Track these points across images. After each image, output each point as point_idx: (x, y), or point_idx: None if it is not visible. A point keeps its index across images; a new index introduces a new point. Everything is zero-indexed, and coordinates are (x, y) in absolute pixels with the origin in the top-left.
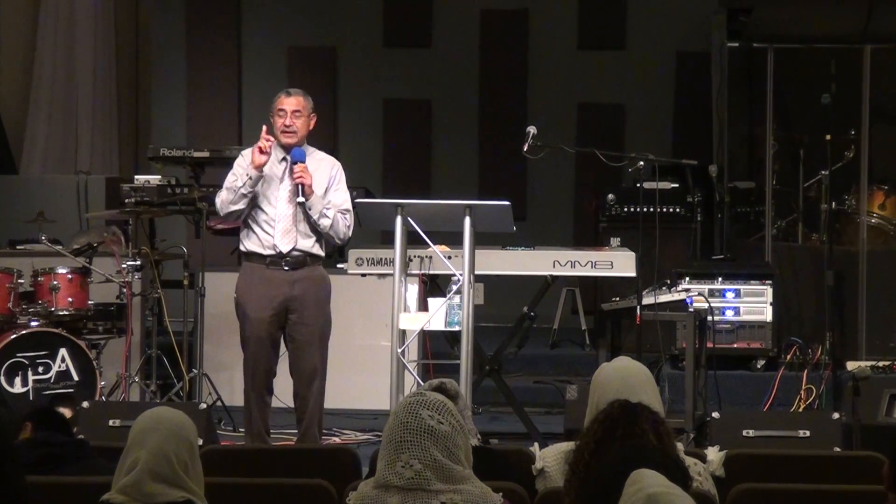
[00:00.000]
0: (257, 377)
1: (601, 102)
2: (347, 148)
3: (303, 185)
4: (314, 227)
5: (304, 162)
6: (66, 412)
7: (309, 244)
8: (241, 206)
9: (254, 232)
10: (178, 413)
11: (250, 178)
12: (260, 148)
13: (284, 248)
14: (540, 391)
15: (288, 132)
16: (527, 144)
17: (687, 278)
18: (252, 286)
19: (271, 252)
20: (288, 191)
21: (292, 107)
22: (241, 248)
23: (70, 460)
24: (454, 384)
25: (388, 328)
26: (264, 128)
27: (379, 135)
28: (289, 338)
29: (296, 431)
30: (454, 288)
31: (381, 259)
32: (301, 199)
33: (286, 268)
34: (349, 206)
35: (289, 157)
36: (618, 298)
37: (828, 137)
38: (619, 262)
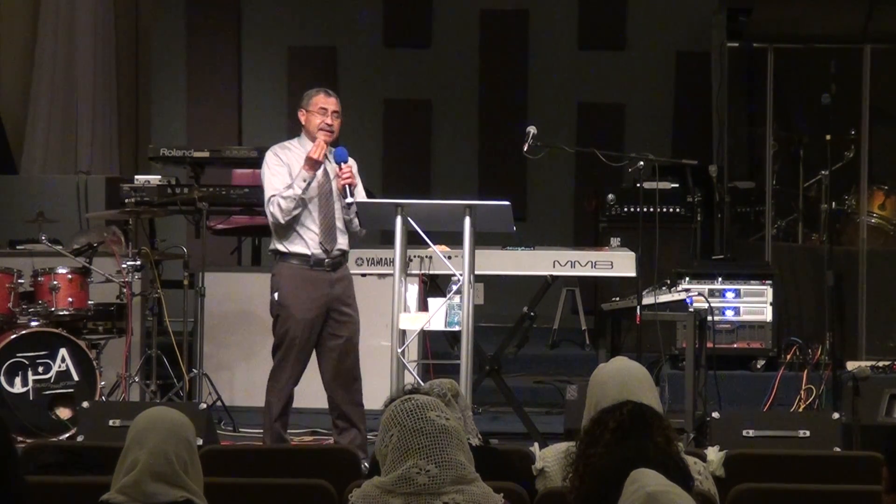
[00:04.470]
0: (291, 380)
1: (601, 102)
2: (347, 148)
3: (351, 185)
4: (346, 226)
5: (347, 162)
6: (66, 412)
7: (346, 243)
8: (299, 210)
9: (296, 232)
10: (177, 412)
11: (306, 181)
12: (317, 158)
13: (329, 248)
14: (540, 391)
15: (327, 131)
16: (527, 144)
17: (687, 278)
18: (297, 287)
19: (317, 252)
20: (327, 189)
21: (332, 107)
22: (280, 248)
23: None
24: (454, 384)
25: (388, 328)
26: (320, 139)
27: (379, 135)
28: (330, 337)
29: (297, 432)
30: (454, 288)
31: (381, 259)
32: (351, 199)
33: (328, 268)
34: None
35: (329, 157)
36: (618, 298)
37: (828, 137)
38: (619, 262)
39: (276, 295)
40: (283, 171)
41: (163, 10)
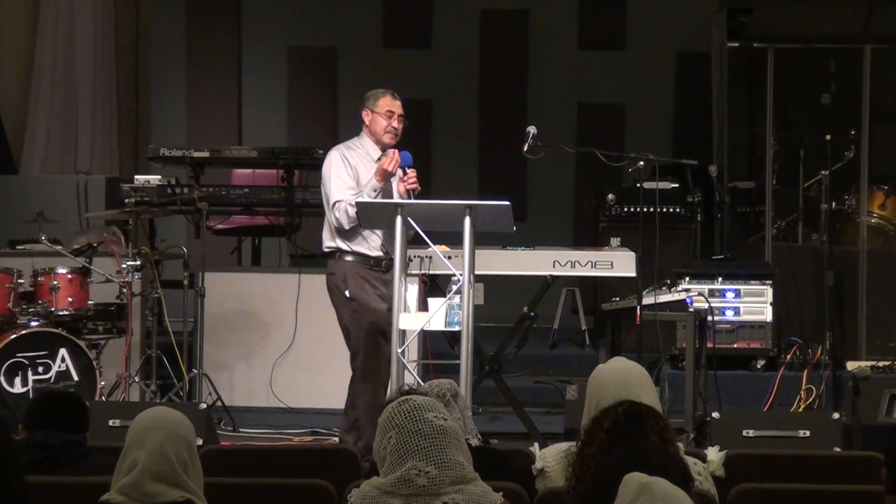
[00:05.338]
0: (383, 368)
1: (601, 102)
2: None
3: (415, 191)
4: None
5: (412, 166)
6: None
7: None
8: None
9: (360, 234)
10: (176, 412)
11: (376, 191)
12: (391, 171)
13: (389, 249)
14: (540, 391)
15: (393, 134)
16: (527, 144)
17: (687, 278)
18: (363, 282)
19: (378, 254)
20: (388, 192)
21: (399, 110)
22: (342, 246)
23: (68, 463)
24: (454, 384)
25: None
26: (395, 152)
27: None
28: None
29: (296, 432)
30: (454, 288)
31: None
32: None
33: (384, 269)
34: None
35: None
36: (618, 298)
37: (828, 137)
38: (619, 262)
39: (346, 292)
40: (349, 175)
41: (162, 10)
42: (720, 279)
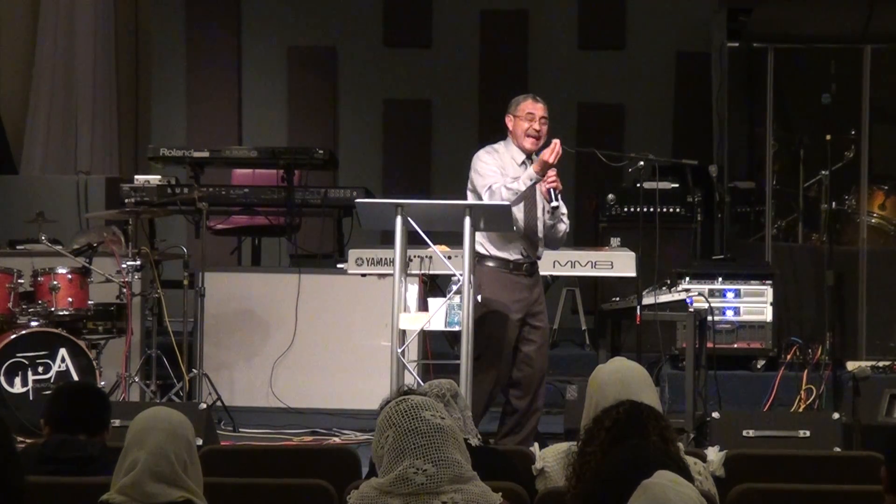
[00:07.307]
0: (497, 382)
1: (601, 102)
2: (347, 148)
3: (556, 189)
4: (548, 231)
5: (553, 166)
6: None
7: (542, 248)
8: (516, 206)
9: (503, 238)
10: (175, 412)
11: (532, 180)
12: (552, 162)
13: (530, 252)
14: None
15: (534, 137)
16: None
17: (687, 278)
18: (500, 289)
19: (518, 257)
20: (530, 194)
21: (540, 113)
22: (481, 251)
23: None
24: (453, 384)
25: (388, 328)
26: (557, 142)
27: (379, 135)
28: (525, 342)
29: (296, 432)
30: (454, 288)
31: (381, 259)
32: (556, 203)
33: (526, 273)
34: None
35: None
36: (618, 298)
37: (828, 137)
38: (619, 262)
39: (479, 297)
40: (496, 169)
41: (162, 10)
42: (720, 279)
